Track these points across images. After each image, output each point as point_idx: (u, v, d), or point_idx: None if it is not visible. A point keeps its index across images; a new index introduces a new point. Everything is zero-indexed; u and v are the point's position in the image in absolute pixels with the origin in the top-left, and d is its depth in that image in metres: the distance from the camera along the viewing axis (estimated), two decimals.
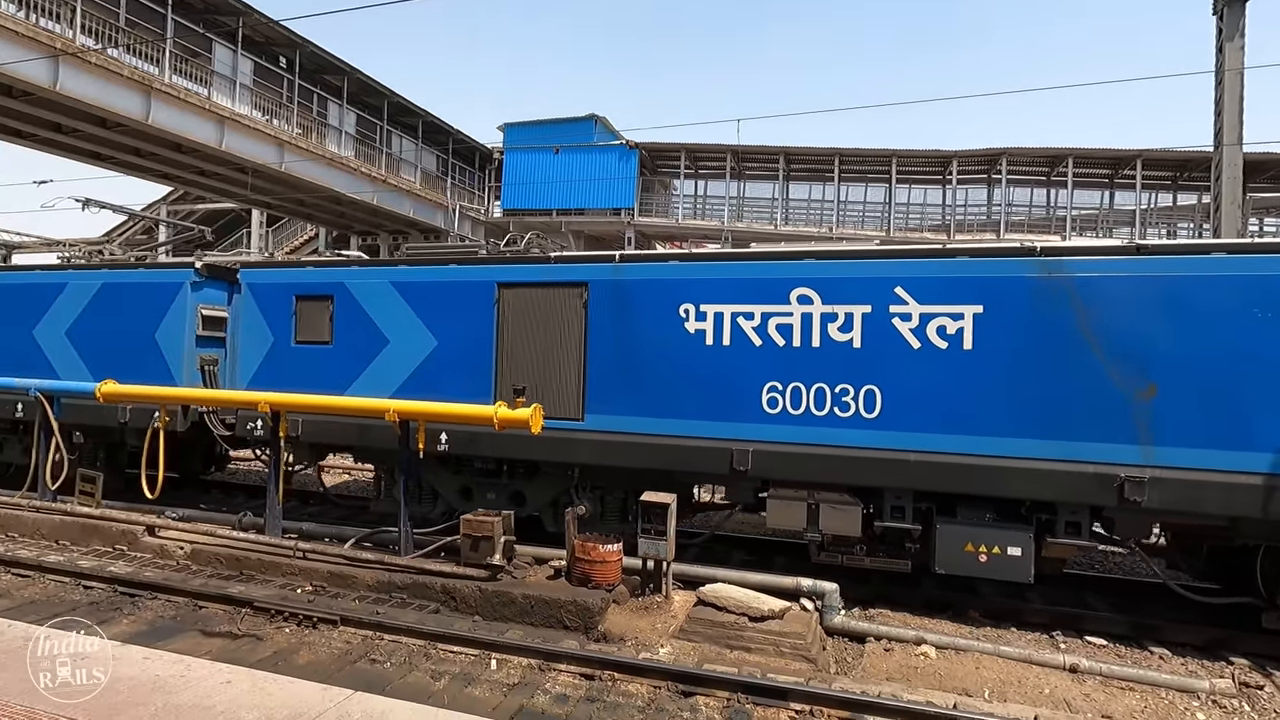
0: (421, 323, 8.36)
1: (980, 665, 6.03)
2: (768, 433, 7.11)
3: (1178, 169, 27.53)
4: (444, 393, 7.81)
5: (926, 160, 29.19)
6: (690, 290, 7.45)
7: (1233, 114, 10.20)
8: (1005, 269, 6.71)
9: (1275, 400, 5.91)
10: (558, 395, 7.80)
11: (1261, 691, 5.76)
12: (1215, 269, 6.21)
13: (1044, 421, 6.44)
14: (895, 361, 6.80)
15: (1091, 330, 6.37)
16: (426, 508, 8.84)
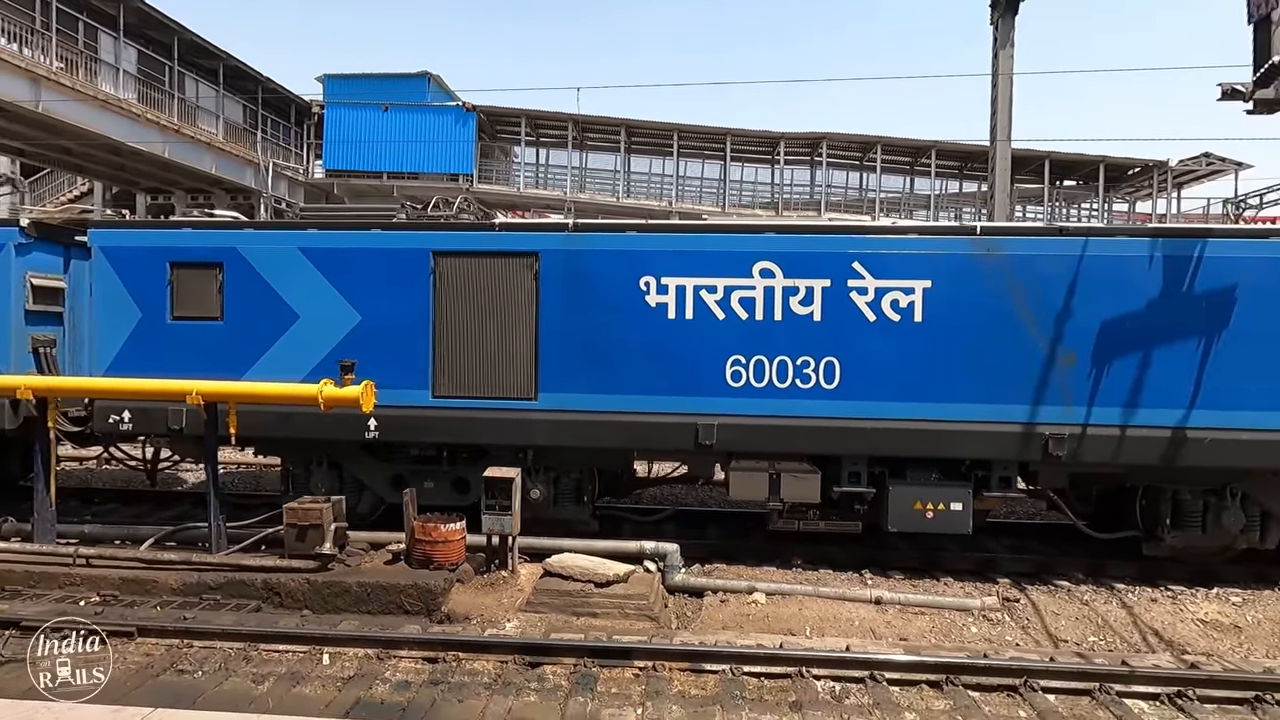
0: (340, 295, 7.42)
1: (803, 607, 6.64)
2: (732, 406, 7.16)
3: (963, 160, 31.38)
4: (371, 374, 6.93)
5: (758, 140, 30.81)
6: (652, 262, 7.23)
7: (1004, 114, 11.79)
8: (950, 247, 7.15)
9: (1170, 364, 6.85)
10: (507, 373, 7.39)
11: (1018, 604, 6.90)
12: (1121, 249, 7.02)
13: (984, 387, 7.01)
14: (853, 334, 7.07)
15: (1023, 304, 6.99)
16: (349, 502, 7.79)
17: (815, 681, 5.14)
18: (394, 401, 7.05)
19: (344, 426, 7.18)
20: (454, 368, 7.42)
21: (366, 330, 7.41)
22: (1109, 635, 6.35)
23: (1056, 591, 7.12)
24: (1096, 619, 6.59)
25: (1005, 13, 11.59)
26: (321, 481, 7.89)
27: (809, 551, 7.91)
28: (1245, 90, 6.76)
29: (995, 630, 6.43)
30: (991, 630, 6.43)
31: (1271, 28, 6.78)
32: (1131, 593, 7.06)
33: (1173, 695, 5.09)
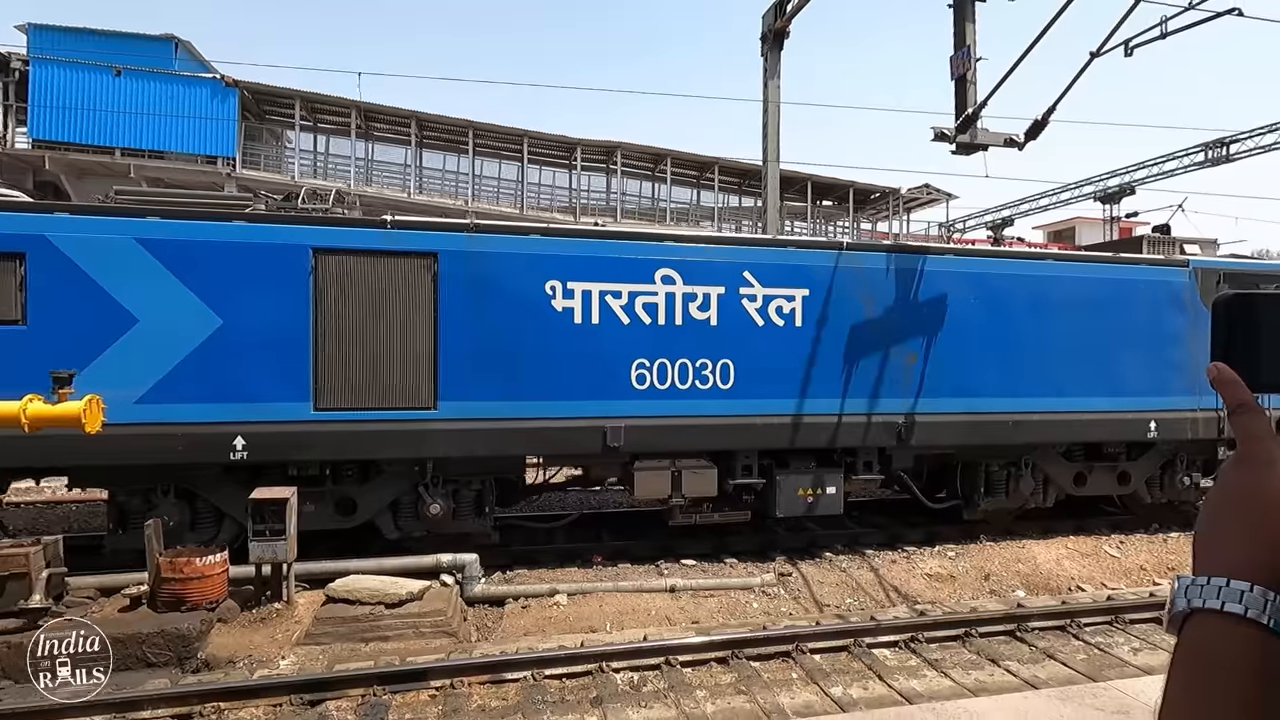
0: (195, 295, 6.35)
1: (604, 603, 6.79)
2: (637, 408, 7.27)
3: (742, 176, 34.38)
4: (238, 386, 6.35)
5: (555, 144, 31.06)
6: (558, 267, 7.12)
7: (773, 138, 13.08)
8: (822, 260, 7.85)
9: (980, 361, 8.21)
10: (402, 382, 6.78)
11: (791, 578, 7.70)
12: (945, 266, 8.27)
13: (853, 383, 7.84)
14: (744, 337, 7.53)
15: (878, 309, 7.95)
16: (205, 534, 6.84)
17: (615, 675, 5.29)
18: (267, 416, 6.40)
19: (200, 448, 6.32)
20: (340, 377, 6.70)
21: (230, 336, 6.43)
22: (861, 596, 7.33)
23: (822, 563, 8.05)
24: (852, 584, 7.57)
25: (773, 47, 12.89)
26: (170, 514, 6.62)
27: (604, 549, 8.13)
28: (950, 134, 8.23)
29: (773, 604, 7.11)
30: (770, 604, 7.09)
31: (967, 86, 8.35)
32: (878, 557, 8.21)
33: (907, 640, 6.02)
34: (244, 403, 6.41)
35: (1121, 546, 8.72)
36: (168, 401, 6.29)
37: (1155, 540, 8.95)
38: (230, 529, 6.93)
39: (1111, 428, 8.73)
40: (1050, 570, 8.04)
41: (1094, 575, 8.07)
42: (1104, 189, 24.64)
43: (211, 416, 6.38)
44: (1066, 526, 9.20)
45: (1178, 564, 8.43)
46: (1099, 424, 8.67)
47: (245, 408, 6.40)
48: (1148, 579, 8.07)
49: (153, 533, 5.78)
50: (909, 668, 5.65)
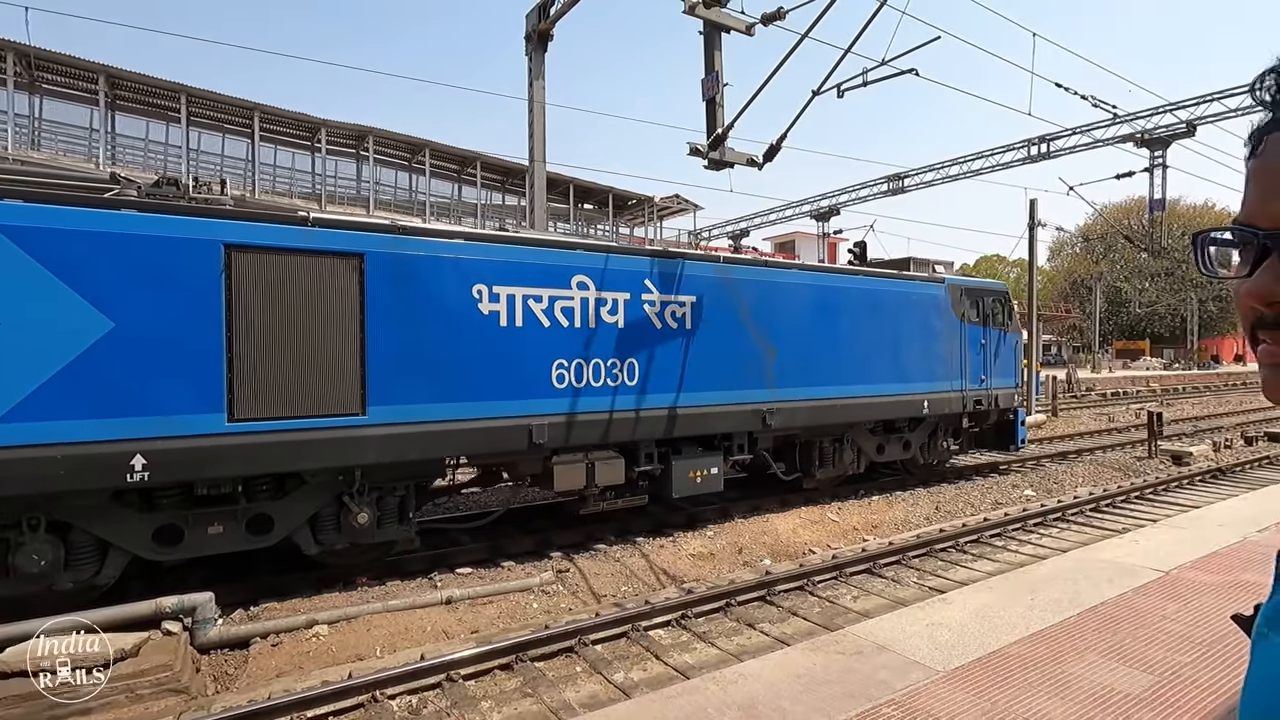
0: (76, 294, 5.42)
1: (372, 627, 6.26)
2: (558, 406, 7.65)
3: (506, 175, 34.06)
4: (137, 398, 5.59)
5: (294, 123, 27.85)
6: (484, 271, 7.24)
7: (539, 138, 13.17)
8: (705, 270, 8.91)
9: (813, 355, 9.75)
10: (327, 387, 6.40)
11: (568, 573, 7.83)
12: (793, 279, 9.82)
13: (730, 377, 8.97)
14: (646, 338, 8.29)
15: (747, 314, 9.16)
16: (84, 571, 5.88)
17: (390, 702, 4.91)
18: (173, 431, 5.73)
19: (89, 470, 5.44)
20: (257, 385, 6.12)
21: (122, 341, 5.56)
22: (635, 583, 7.72)
23: (597, 555, 8.31)
24: (626, 571, 7.93)
25: (537, 48, 12.96)
26: (41, 553, 5.57)
27: (370, 570, 7.52)
28: (704, 150, 9.02)
29: (553, 601, 7.17)
30: (550, 602, 7.14)
31: (716, 108, 9.21)
32: (648, 544, 8.70)
33: (678, 619, 6.48)
34: (144, 416, 5.64)
35: (839, 512, 10.32)
36: (44, 418, 5.31)
37: (864, 505, 10.75)
38: (116, 562, 6.05)
39: (901, 407, 11.05)
40: (789, 539, 9.23)
41: (821, 539, 9.44)
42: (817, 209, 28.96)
43: (103, 434, 5.49)
44: (871, 488, 11.48)
45: (879, 521, 10.23)
46: (894, 404, 10.92)
47: (146, 421, 5.64)
48: (859, 537, 9.65)
49: None
50: (681, 643, 6.09)
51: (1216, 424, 21.10)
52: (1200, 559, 5.52)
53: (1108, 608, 4.42)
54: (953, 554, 8.63)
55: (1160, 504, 11.07)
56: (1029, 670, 3.53)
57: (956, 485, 12.20)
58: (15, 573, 5.56)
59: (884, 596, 7.22)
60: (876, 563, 8.06)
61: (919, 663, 3.65)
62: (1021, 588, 4.86)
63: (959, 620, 4.21)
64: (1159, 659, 3.67)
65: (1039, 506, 10.57)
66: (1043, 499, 11.62)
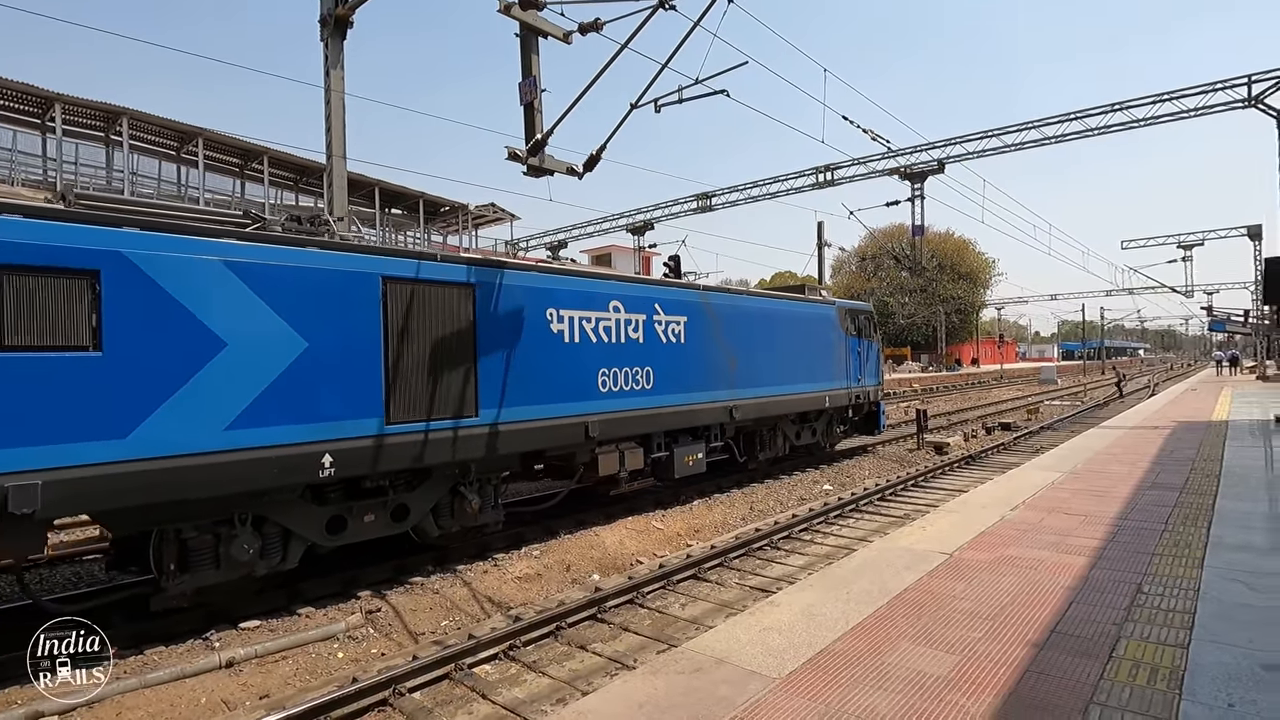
0: (282, 319, 6.34)
1: (123, 709, 5.11)
2: (603, 406, 9.31)
3: (299, 172, 30.90)
4: (317, 409, 6.53)
5: (14, 95, 22.95)
6: (553, 297, 8.78)
7: (338, 131, 12.01)
8: (692, 296, 11.13)
9: (746, 362, 11.97)
10: (450, 396, 7.64)
11: (380, 613, 7.04)
12: (742, 303, 12.37)
13: (709, 381, 11.11)
14: (657, 351, 10.23)
15: (718, 330, 11.38)
16: (272, 560, 6.68)
17: None
18: (350, 433, 6.78)
19: (292, 469, 6.34)
20: (405, 393, 7.25)
21: (314, 358, 6.56)
22: (458, 615, 7.14)
23: (413, 589, 7.58)
24: (447, 603, 7.32)
25: (334, 34, 11.82)
26: (249, 542, 6.41)
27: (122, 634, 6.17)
28: (523, 156, 8.70)
29: (362, 647, 6.38)
30: (359, 649, 6.35)
31: (534, 113, 8.96)
32: (470, 570, 8.14)
33: (505, 650, 6.07)
34: (330, 421, 6.64)
35: (664, 519, 10.49)
36: (260, 425, 6.19)
37: (685, 510, 11.04)
38: (296, 551, 6.95)
39: (813, 401, 13.84)
40: (616, 550, 9.16)
41: (648, 548, 9.49)
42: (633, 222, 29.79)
43: (303, 437, 6.45)
44: (691, 493, 11.80)
45: (700, 526, 10.55)
46: (809, 400, 13.69)
47: (331, 426, 6.64)
48: (684, 543, 9.86)
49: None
50: (510, 677, 5.68)
51: (963, 417, 24.88)
52: (973, 539, 6.27)
53: (910, 593, 4.81)
54: (769, 551, 9.11)
55: (931, 490, 12.67)
56: (854, 666, 3.67)
57: (766, 484, 13.02)
58: (227, 561, 6.40)
59: (710, 601, 7.37)
60: (701, 568, 8.24)
61: (756, 672, 3.65)
62: (837, 582, 5.14)
63: (788, 622, 4.32)
64: (957, 638, 4.02)
65: (837, 500, 11.58)
66: (839, 492, 12.77)
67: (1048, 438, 19.09)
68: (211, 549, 6.37)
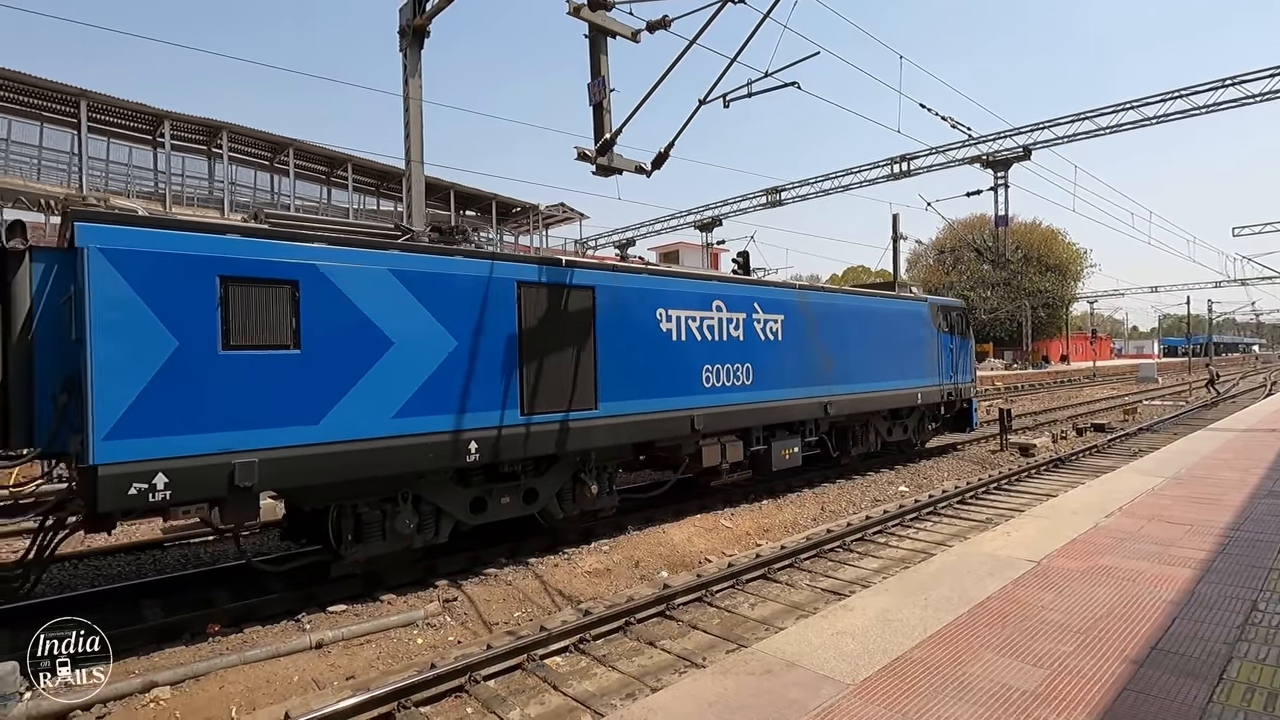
0: (437, 321, 7.19)
1: (226, 683, 5.47)
2: (707, 400, 9.75)
3: (380, 178, 32.28)
4: (465, 399, 7.37)
5: (129, 113, 24.92)
6: (662, 298, 9.35)
7: (416, 137, 12.45)
8: (789, 295, 11.48)
9: (855, 359, 12.52)
10: (574, 389, 8.27)
11: (456, 602, 7.29)
12: (836, 300, 12.74)
13: (805, 377, 11.47)
14: (756, 348, 10.59)
15: (814, 328, 11.71)
16: (426, 534, 7.59)
17: None
18: (491, 423, 7.50)
19: (445, 454, 7.16)
20: (537, 387, 7.93)
21: (462, 355, 7.39)
22: (530, 607, 7.31)
23: (487, 580, 7.81)
24: (519, 595, 7.50)
25: (413, 43, 12.25)
26: (410, 518, 7.33)
27: (225, 615, 6.62)
28: (592, 156, 8.79)
29: (440, 635, 6.62)
30: (436, 636, 6.59)
31: (603, 113, 9.03)
32: (541, 563, 8.31)
33: (576, 643, 6.16)
34: (475, 412, 7.40)
35: (733, 518, 10.40)
36: (420, 414, 6.99)
37: (755, 509, 10.91)
38: (445, 527, 7.76)
39: (906, 399, 13.96)
40: (684, 548, 9.15)
41: (716, 546, 9.44)
42: (700, 219, 29.63)
43: (454, 425, 7.23)
44: (761, 492, 11.73)
45: (770, 525, 10.41)
46: (901, 396, 13.81)
47: (476, 416, 7.39)
48: (753, 542, 9.75)
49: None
50: (580, 670, 5.77)
51: (1051, 417, 23.54)
52: (1064, 547, 5.93)
53: (994, 602, 4.59)
54: (841, 553, 8.89)
55: (1015, 494, 12.06)
56: (933, 675, 3.54)
57: (839, 485, 12.70)
58: (392, 534, 7.25)
59: (780, 602, 7.26)
60: (771, 568, 8.13)
61: (829, 677, 3.57)
62: (914, 587, 4.97)
63: (862, 627, 4.20)
64: (1046, 651, 3.81)
65: (913, 502, 11.18)
66: (916, 494, 12.33)
67: (1147, 440, 17.84)
68: (379, 523, 7.21)
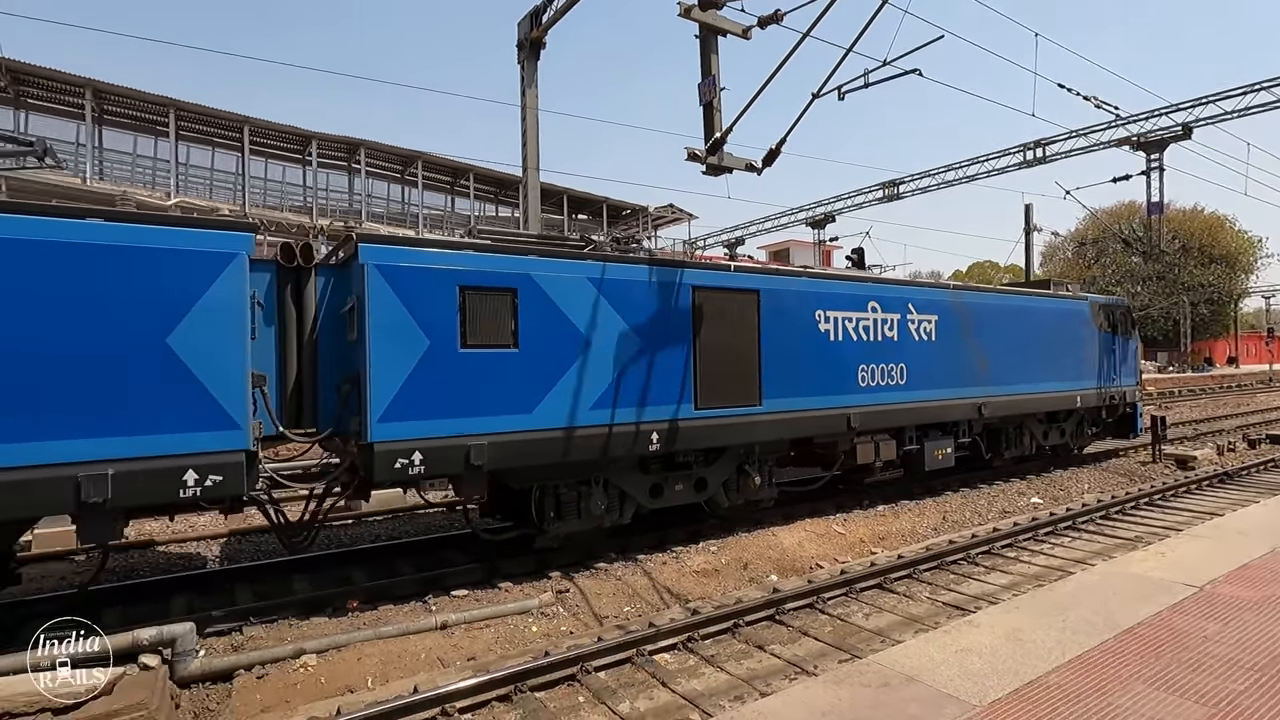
0: (625, 323, 8.00)
1: (363, 656, 5.95)
2: (862, 399, 9.97)
3: (499, 186, 33.88)
4: (648, 394, 8.03)
5: (284, 135, 27.61)
6: (820, 299, 9.66)
7: (533, 146, 12.97)
8: (942, 295, 11.44)
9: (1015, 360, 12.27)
10: (741, 386, 8.81)
11: (568, 594, 7.53)
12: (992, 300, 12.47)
13: (958, 378, 11.30)
14: (909, 348, 10.66)
15: (968, 328, 11.57)
16: (612, 515, 8.38)
17: None
18: (670, 416, 8.18)
19: (630, 442, 7.90)
20: (708, 384, 8.53)
21: (645, 354, 8.08)
22: (638, 602, 7.41)
23: (597, 574, 8.00)
24: (628, 590, 7.63)
25: (530, 56, 12.77)
26: (600, 500, 8.12)
27: (362, 591, 7.19)
28: (702, 156, 8.79)
29: (553, 624, 6.86)
30: (550, 625, 6.83)
31: (713, 112, 9.00)
32: (650, 560, 8.41)
33: (684, 641, 6.19)
34: (655, 405, 8.08)
35: (846, 524, 10.05)
36: (611, 406, 7.80)
37: (869, 516, 10.49)
38: (629, 509, 8.50)
39: (1063, 401, 13.46)
40: (795, 553, 8.95)
41: (828, 552, 9.16)
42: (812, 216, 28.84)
43: (638, 418, 7.95)
44: (876, 498, 11.38)
45: (886, 533, 9.96)
46: (1059, 399, 13.33)
47: (655, 409, 8.08)
48: (867, 550, 9.38)
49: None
50: (689, 668, 5.79)
51: (1216, 426, 20.96)
52: (1232, 572, 5.27)
53: (1146, 629, 4.16)
54: (964, 566, 8.37)
55: (1171, 510, 10.84)
56: (1073, 704, 3.26)
57: (961, 494, 11.96)
58: (586, 514, 8.03)
59: (897, 613, 6.94)
60: (887, 578, 7.79)
61: (952, 695, 3.38)
62: (1050, 607, 4.59)
63: (989, 645, 3.94)
64: (1210, 687, 3.41)
65: (1048, 515, 10.33)
66: (1050, 506, 11.38)
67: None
68: (575, 503, 8.01)
